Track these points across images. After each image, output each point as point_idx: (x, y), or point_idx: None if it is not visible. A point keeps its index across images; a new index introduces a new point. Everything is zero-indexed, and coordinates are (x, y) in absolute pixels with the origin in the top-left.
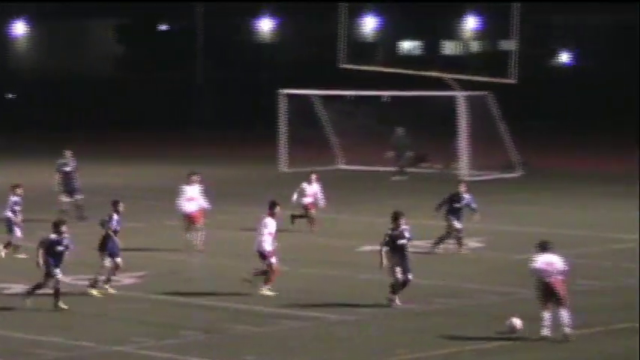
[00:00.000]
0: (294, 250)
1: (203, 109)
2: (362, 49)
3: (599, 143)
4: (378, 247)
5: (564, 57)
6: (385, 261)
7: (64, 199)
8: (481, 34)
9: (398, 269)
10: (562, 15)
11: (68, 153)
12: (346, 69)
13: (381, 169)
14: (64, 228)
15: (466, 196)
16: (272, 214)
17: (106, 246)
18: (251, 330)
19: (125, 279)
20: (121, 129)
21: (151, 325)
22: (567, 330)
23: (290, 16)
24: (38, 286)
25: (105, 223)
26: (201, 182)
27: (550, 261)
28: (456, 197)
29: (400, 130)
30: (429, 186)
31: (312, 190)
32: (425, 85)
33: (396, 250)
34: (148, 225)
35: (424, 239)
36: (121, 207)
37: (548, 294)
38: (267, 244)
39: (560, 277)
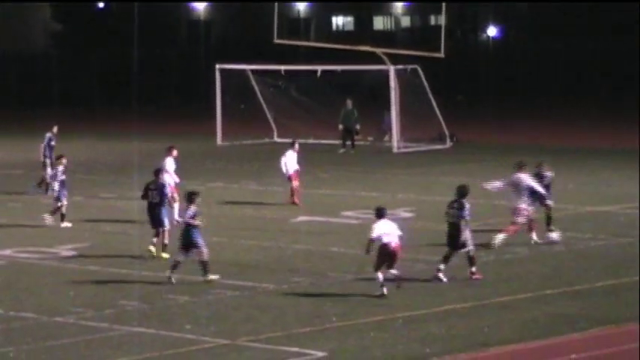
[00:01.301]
0: (230, 221)
1: (139, 85)
2: (295, 25)
3: (526, 116)
4: (313, 218)
5: (491, 31)
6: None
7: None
8: (411, 10)
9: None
10: None
11: (55, 128)
12: (280, 44)
13: (315, 141)
14: None
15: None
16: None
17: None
18: (189, 300)
19: (64, 251)
20: (60, 106)
21: (90, 296)
22: (385, 290)
23: None
24: None
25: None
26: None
27: (387, 228)
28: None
29: (349, 103)
30: (361, 158)
31: (294, 158)
32: (357, 60)
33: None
34: (85, 198)
35: (356, 209)
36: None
37: (385, 258)
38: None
39: (398, 242)
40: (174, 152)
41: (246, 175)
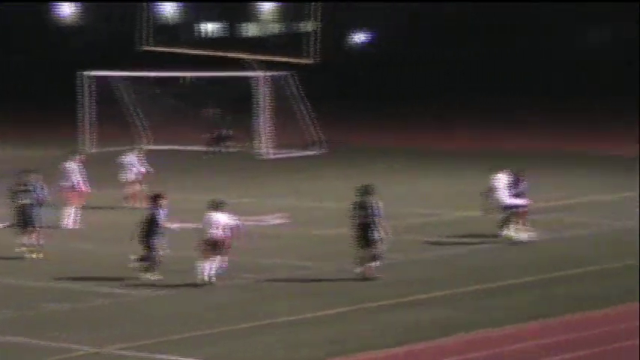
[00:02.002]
0: (104, 228)
1: (5, 90)
2: (165, 31)
3: (399, 120)
4: (185, 225)
5: (362, 37)
6: None
7: None
8: (281, 16)
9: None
10: None
11: None
12: (149, 50)
13: (186, 148)
14: None
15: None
16: None
17: None
18: (60, 307)
19: None
20: None
21: None
22: (211, 278)
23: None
24: None
25: None
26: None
27: (218, 219)
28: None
29: (215, 110)
30: (233, 165)
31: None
32: (227, 66)
33: None
34: None
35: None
36: None
37: (213, 247)
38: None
39: (227, 233)
40: (80, 158)
41: (114, 182)
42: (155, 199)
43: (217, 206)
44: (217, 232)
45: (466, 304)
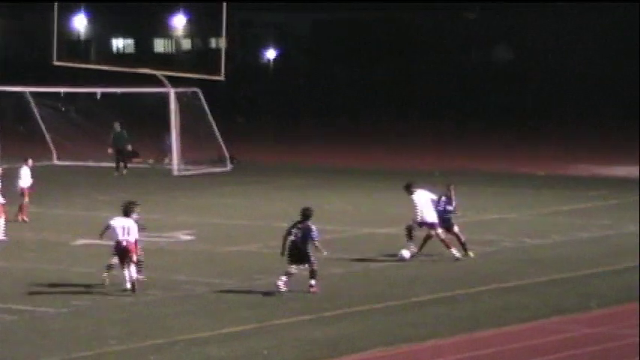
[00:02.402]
0: (10, 243)
1: None
2: (75, 47)
3: (306, 137)
4: (92, 241)
5: (271, 54)
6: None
7: None
8: (191, 32)
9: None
10: (269, 13)
11: None
12: (59, 66)
13: (94, 164)
14: None
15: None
16: None
17: None
18: None
19: None
20: None
21: None
22: (129, 285)
23: (3, 14)
24: None
25: None
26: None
27: (126, 225)
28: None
29: (117, 126)
30: (141, 181)
31: (28, 173)
32: (137, 82)
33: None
34: None
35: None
36: None
37: (120, 254)
38: None
39: (132, 240)
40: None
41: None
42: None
43: (127, 212)
44: (125, 241)
45: (377, 319)
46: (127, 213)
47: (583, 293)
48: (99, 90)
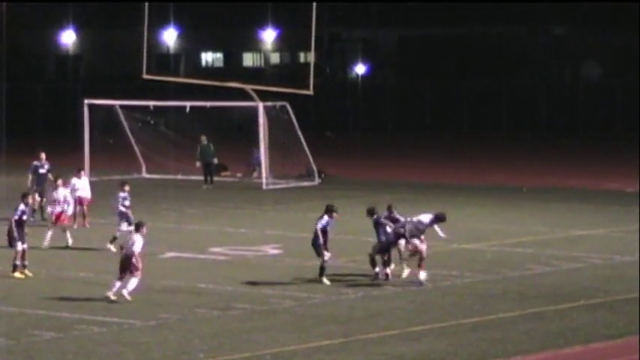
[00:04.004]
0: (94, 257)
1: (7, 119)
2: (165, 61)
3: (395, 153)
4: (181, 254)
5: (360, 69)
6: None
7: (37, 198)
8: (280, 46)
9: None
10: (357, 29)
11: (43, 155)
12: (149, 79)
13: (183, 177)
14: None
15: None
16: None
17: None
18: (55, 336)
19: None
20: None
21: None
22: (126, 293)
23: (93, 28)
24: None
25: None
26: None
27: (133, 239)
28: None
29: (204, 139)
30: (230, 194)
31: (83, 184)
32: (226, 96)
33: None
34: None
35: (224, 246)
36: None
37: (125, 266)
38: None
39: (136, 254)
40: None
41: (114, 210)
42: None
43: (137, 228)
44: (131, 251)
45: (464, 336)
46: (138, 229)
47: None
48: (188, 104)
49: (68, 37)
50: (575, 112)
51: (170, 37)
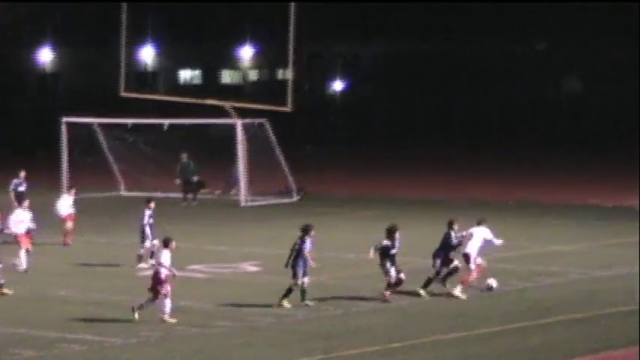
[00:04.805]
0: (80, 274)
1: None
2: (143, 78)
3: (375, 168)
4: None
5: (338, 85)
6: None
7: None
8: (258, 63)
9: (392, 269)
10: (336, 45)
11: (22, 173)
12: (127, 97)
13: (162, 195)
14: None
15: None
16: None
17: None
18: (35, 355)
19: None
20: None
21: None
22: (167, 317)
23: (71, 46)
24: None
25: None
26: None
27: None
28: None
29: (184, 157)
30: (208, 212)
31: (69, 201)
32: (204, 113)
33: (388, 257)
34: None
35: (203, 263)
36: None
37: (154, 282)
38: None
39: (166, 272)
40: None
41: (94, 228)
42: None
43: (166, 244)
44: (163, 270)
45: (447, 352)
46: (166, 245)
47: None
48: (166, 121)
49: (46, 55)
50: (556, 127)
51: (148, 54)
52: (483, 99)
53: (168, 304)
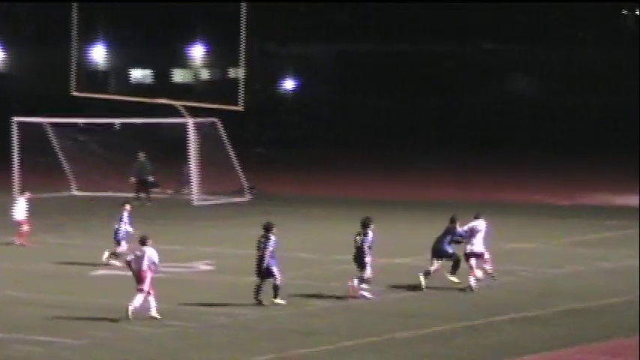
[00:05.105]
0: (30, 274)
1: None
2: (94, 78)
3: (325, 168)
4: (112, 272)
5: (289, 85)
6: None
7: None
8: (210, 63)
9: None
10: (287, 44)
11: None
12: (78, 97)
13: (114, 194)
14: None
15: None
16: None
17: None
18: None
19: None
20: None
21: None
22: (153, 312)
23: (21, 46)
24: None
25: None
26: None
27: (147, 254)
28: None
29: (141, 156)
30: (161, 211)
31: (24, 205)
32: (156, 113)
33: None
34: None
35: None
36: None
37: (138, 281)
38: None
39: (146, 269)
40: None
41: (45, 228)
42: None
43: (144, 242)
44: (144, 270)
45: (397, 350)
46: (144, 243)
47: (603, 323)
48: (117, 121)
49: None
50: (506, 126)
51: (99, 54)
52: (434, 99)
53: (151, 300)
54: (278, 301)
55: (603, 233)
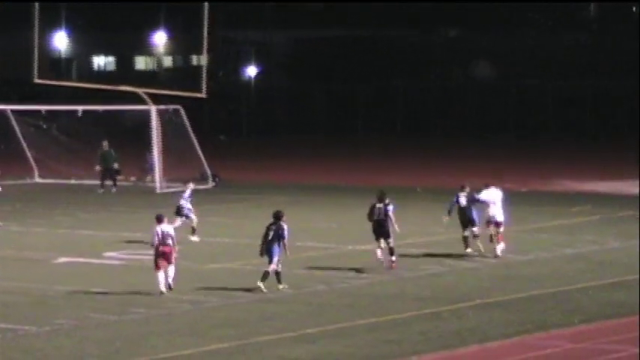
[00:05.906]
0: None
1: None
2: (56, 65)
3: (288, 155)
4: (75, 259)
5: (252, 71)
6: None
7: None
8: (173, 50)
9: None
10: (251, 31)
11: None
12: (40, 84)
13: (76, 182)
14: None
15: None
16: None
17: None
18: None
19: None
20: None
21: None
22: (170, 284)
23: None
24: None
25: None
26: None
27: (165, 230)
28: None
29: (105, 144)
30: (124, 199)
31: None
32: (119, 100)
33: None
34: None
35: (119, 250)
36: None
37: (160, 258)
38: None
39: (169, 246)
40: None
41: (7, 215)
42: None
43: (160, 219)
44: (166, 246)
45: (360, 337)
46: (160, 221)
47: (566, 309)
48: (80, 108)
49: None
50: (468, 113)
51: (61, 40)
52: (394, 85)
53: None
54: (282, 286)
55: (568, 219)
